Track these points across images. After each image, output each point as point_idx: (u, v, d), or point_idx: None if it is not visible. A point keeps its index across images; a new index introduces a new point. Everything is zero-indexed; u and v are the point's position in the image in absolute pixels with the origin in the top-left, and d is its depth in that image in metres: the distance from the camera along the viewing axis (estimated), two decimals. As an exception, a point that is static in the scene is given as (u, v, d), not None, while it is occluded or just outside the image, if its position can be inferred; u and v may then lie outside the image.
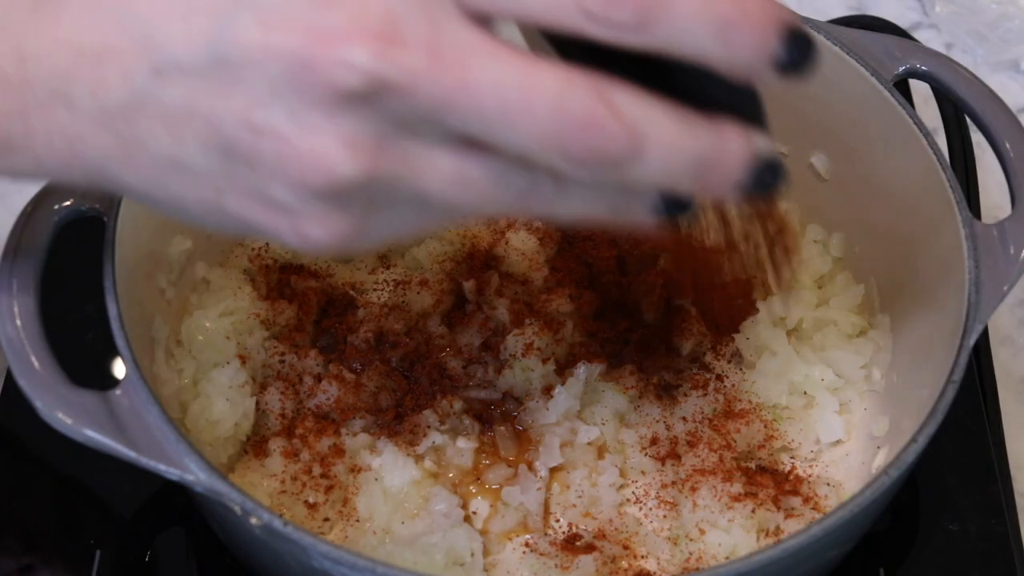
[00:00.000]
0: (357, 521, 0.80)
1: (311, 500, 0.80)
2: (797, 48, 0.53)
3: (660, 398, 0.87)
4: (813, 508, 0.80)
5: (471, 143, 0.51)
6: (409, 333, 0.89)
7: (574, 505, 0.83)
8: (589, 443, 0.85)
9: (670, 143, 0.52)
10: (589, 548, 0.80)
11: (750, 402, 0.86)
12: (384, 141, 0.51)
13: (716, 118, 0.54)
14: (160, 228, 0.83)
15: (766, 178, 0.55)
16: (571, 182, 0.53)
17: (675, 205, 0.56)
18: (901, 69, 0.87)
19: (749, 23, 0.52)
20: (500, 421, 0.86)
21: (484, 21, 0.50)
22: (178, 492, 0.71)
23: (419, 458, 0.83)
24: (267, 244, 0.90)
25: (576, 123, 0.50)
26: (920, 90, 1.08)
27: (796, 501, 0.80)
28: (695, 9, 0.51)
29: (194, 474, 0.68)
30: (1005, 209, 0.81)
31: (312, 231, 0.53)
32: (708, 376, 0.88)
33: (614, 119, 0.50)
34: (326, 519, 0.80)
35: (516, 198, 0.53)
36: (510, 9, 0.50)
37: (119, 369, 0.72)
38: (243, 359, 0.84)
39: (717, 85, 0.54)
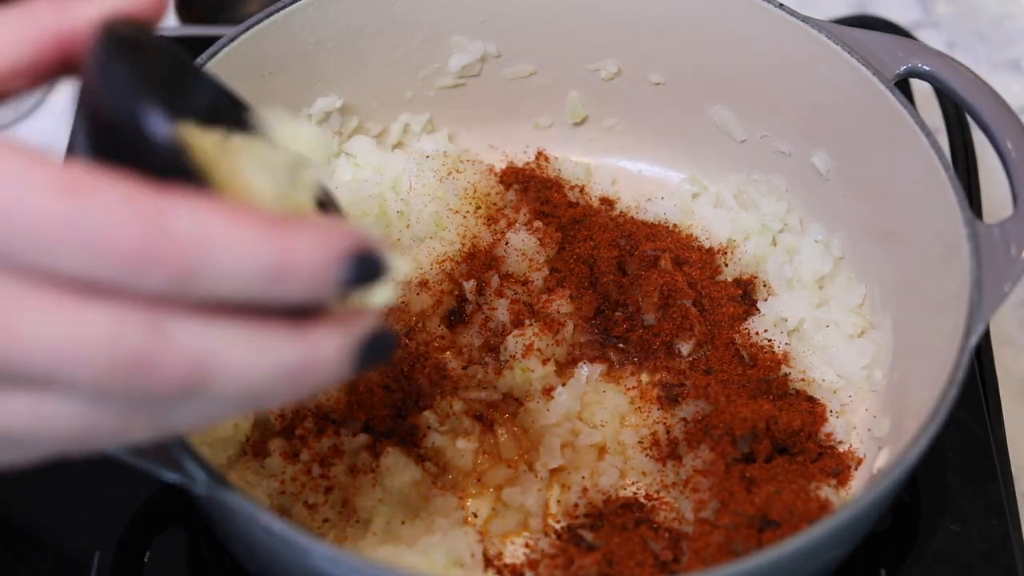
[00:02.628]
0: (357, 522, 0.80)
1: (310, 501, 0.80)
2: (362, 267, 0.52)
3: (660, 399, 0.87)
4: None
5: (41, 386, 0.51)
6: (409, 334, 0.88)
7: (575, 505, 0.82)
8: (590, 444, 0.85)
9: (243, 362, 0.51)
10: (590, 549, 0.80)
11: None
12: None
13: (304, 318, 0.53)
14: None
15: (375, 356, 0.55)
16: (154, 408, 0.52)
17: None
18: (903, 69, 0.87)
19: (303, 262, 0.51)
20: (500, 422, 0.86)
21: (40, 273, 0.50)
22: (177, 493, 0.71)
23: (419, 459, 0.83)
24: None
25: (129, 363, 0.49)
26: (922, 90, 1.08)
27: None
28: (239, 260, 0.50)
29: (193, 475, 0.67)
30: (1006, 209, 0.81)
31: None
32: (708, 376, 0.88)
33: (170, 352, 0.50)
34: (325, 520, 0.80)
35: (113, 424, 0.52)
36: (47, 267, 0.49)
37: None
38: (243, 359, 0.83)
39: None
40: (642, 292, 0.90)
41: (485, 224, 0.94)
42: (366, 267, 0.52)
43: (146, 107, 0.52)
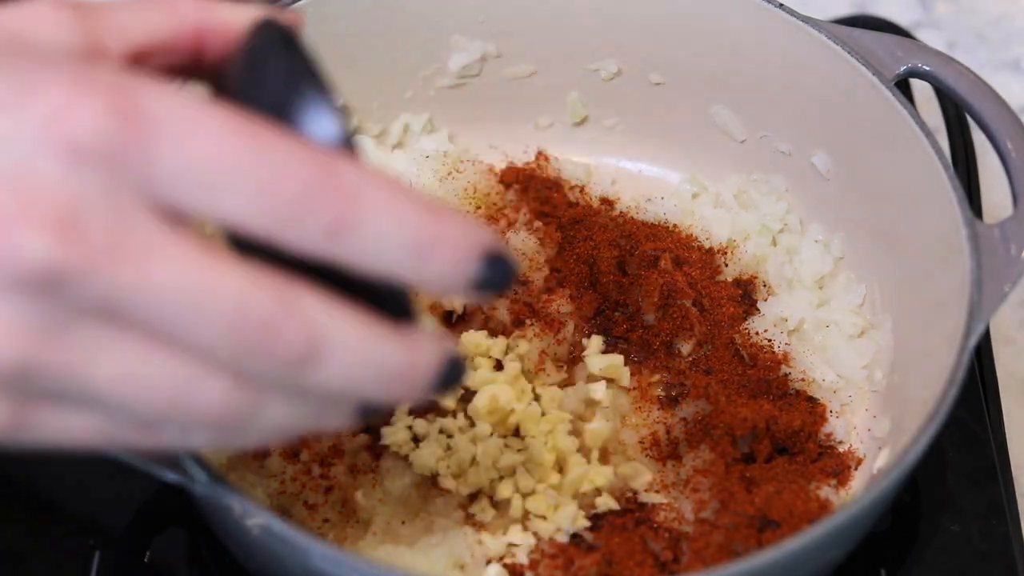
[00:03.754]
0: (357, 522, 0.80)
1: (310, 501, 0.80)
2: (495, 272, 0.52)
3: (660, 399, 0.87)
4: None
5: (152, 341, 0.50)
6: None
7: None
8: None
9: (354, 350, 0.51)
10: (590, 549, 0.80)
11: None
12: (49, 330, 0.48)
13: (404, 326, 0.53)
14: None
15: (452, 379, 0.55)
16: (266, 388, 0.52)
17: (372, 411, 0.56)
18: (902, 69, 0.87)
19: (448, 247, 0.51)
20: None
21: (177, 218, 0.49)
22: (177, 493, 0.71)
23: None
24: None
25: (254, 325, 0.49)
26: (921, 90, 1.08)
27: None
28: (393, 227, 0.50)
29: (193, 475, 0.67)
30: (1007, 209, 0.81)
31: None
32: (708, 376, 0.88)
33: (293, 322, 0.49)
34: (325, 520, 0.80)
35: (208, 404, 0.51)
36: (202, 209, 0.49)
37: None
38: (243, 359, 0.83)
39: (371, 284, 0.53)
40: (642, 292, 0.90)
41: (485, 224, 0.94)
42: (501, 270, 0.53)
43: (315, 96, 0.52)
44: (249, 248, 0.51)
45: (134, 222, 0.48)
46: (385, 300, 0.54)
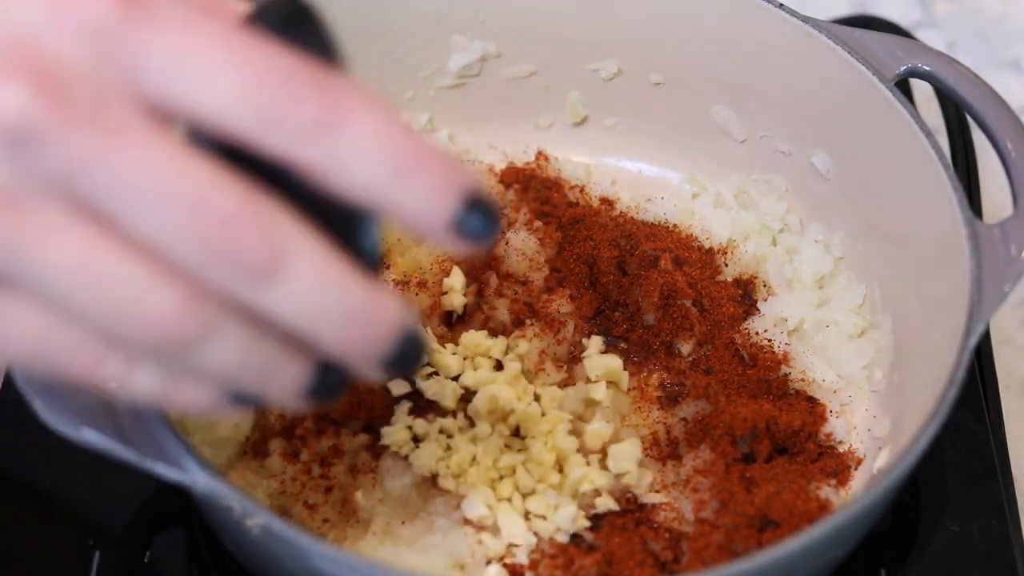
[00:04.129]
0: (357, 522, 0.80)
1: (310, 501, 0.80)
2: (481, 216, 0.51)
3: (660, 399, 0.87)
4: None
5: (109, 233, 0.48)
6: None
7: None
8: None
9: (317, 273, 0.49)
10: (590, 549, 0.80)
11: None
12: (7, 194, 0.47)
13: (369, 276, 0.51)
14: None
15: (411, 354, 0.53)
16: (218, 311, 0.50)
17: (328, 382, 0.53)
18: (902, 68, 0.87)
19: (431, 174, 0.50)
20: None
21: (158, 116, 0.49)
22: (177, 493, 0.71)
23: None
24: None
25: (215, 222, 0.47)
26: (921, 90, 1.08)
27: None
28: (376, 139, 0.49)
29: (193, 475, 0.68)
30: (1007, 209, 0.81)
31: None
32: (708, 376, 0.88)
33: (256, 227, 0.48)
34: (325, 520, 0.80)
35: (159, 317, 0.49)
36: (184, 108, 0.49)
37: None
38: (243, 359, 0.83)
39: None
40: (642, 292, 0.90)
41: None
42: (482, 212, 0.51)
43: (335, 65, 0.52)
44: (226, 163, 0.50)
45: (116, 101, 0.48)
46: (355, 245, 0.52)
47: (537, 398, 0.86)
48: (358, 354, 0.52)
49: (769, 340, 0.90)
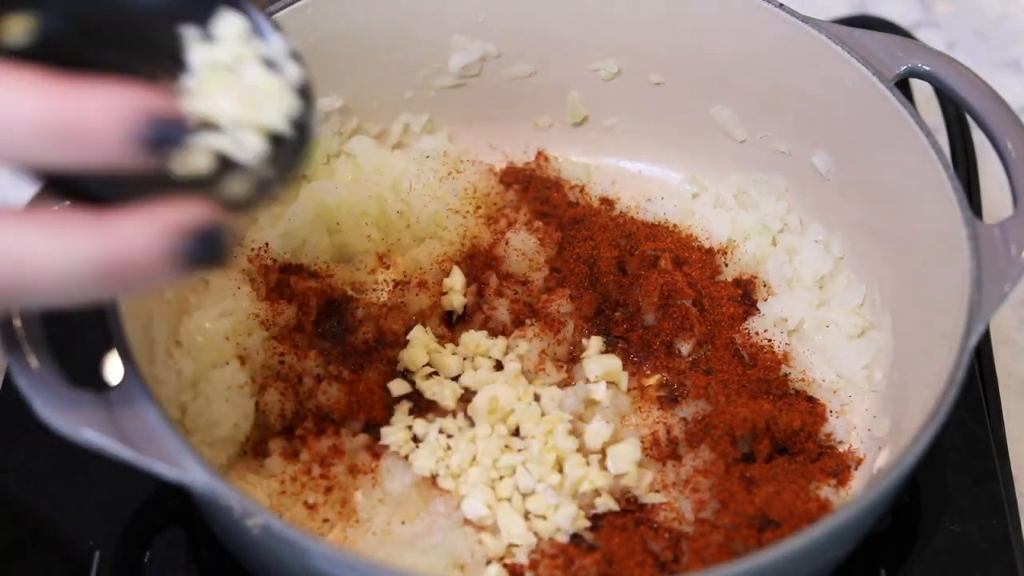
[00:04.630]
0: (356, 522, 0.80)
1: (310, 501, 0.80)
2: (159, 129, 0.51)
3: (660, 399, 0.87)
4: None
5: None
6: (409, 333, 0.88)
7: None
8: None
9: (45, 260, 0.50)
10: (590, 549, 0.80)
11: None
12: None
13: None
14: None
15: (208, 251, 0.53)
16: None
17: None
18: (903, 68, 0.87)
19: (90, 126, 0.50)
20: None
21: None
22: (177, 492, 0.71)
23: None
24: (267, 244, 0.90)
25: None
26: (922, 89, 1.08)
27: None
28: (24, 118, 0.49)
29: (193, 475, 0.67)
30: (1006, 209, 0.81)
31: None
32: (708, 376, 0.88)
33: None
34: (325, 520, 0.80)
35: None
36: None
37: (118, 370, 0.71)
38: (242, 360, 0.83)
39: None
40: (642, 292, 0.90)
41: (485, 224, 0.94)
42: (164, 127, 0.51)
43: None
44: None
45: None
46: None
47: (537, 398, 0.86)
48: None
49: (769, 340, 0.90)
